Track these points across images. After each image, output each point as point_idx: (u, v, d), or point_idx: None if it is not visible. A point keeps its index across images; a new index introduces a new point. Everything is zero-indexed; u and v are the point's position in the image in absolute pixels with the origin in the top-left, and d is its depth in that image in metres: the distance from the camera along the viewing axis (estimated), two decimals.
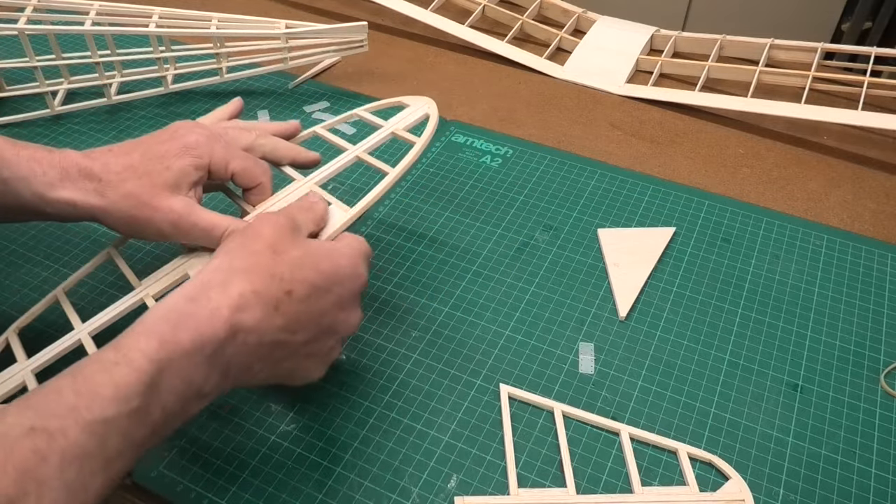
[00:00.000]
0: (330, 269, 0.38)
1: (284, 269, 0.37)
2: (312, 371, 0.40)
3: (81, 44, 0.76)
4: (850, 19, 1.50)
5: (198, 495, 0.41)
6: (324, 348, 0.40)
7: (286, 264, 0.37)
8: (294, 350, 0.38)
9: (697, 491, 0.41)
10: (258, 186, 0.45)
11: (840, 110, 0.67)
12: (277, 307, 0.36)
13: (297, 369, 0.39)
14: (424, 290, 0.52)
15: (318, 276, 0.37)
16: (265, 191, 0.45)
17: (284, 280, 0.36)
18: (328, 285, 0.38)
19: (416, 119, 0.53)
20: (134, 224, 0.41)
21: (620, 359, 0.48)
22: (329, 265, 0.38)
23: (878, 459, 0.43)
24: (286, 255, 0.37)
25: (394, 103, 0.55)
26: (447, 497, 0.41)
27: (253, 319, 0.35)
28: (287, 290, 0.36)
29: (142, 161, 0.41)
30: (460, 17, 0.82)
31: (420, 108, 0.54)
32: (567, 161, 0.65)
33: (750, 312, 0.51)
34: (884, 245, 0.57)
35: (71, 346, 0.42)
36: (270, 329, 0.36)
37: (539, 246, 0.56)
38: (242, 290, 0.35)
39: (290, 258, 0.37)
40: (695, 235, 0.57)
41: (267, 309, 0.35)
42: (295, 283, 0.36)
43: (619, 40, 0.80)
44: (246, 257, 0.37)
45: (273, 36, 0.68)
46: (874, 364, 0.48)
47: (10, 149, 0.41)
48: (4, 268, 0.54)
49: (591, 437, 0.44)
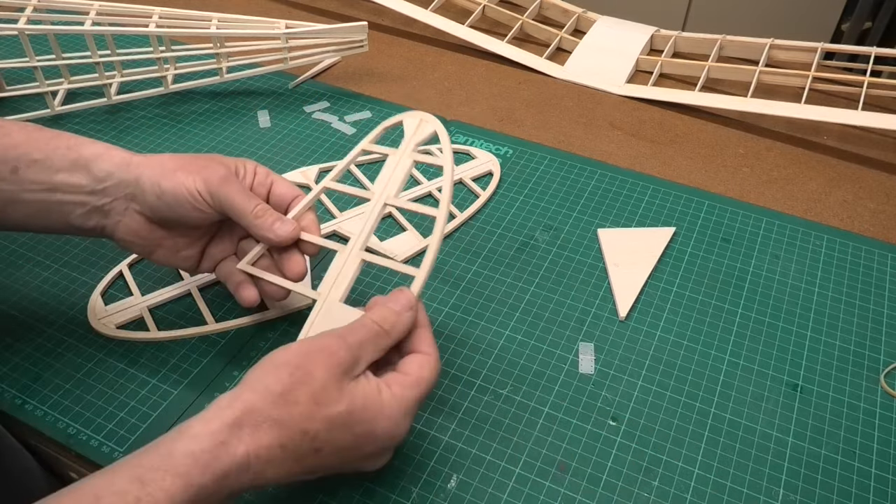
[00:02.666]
0: (364, 432, 0.35)
1: (319, 427, 0.34)
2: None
3: (81, 44, 0.77)
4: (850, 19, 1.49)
5: None
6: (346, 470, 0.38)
7: (322, 422, 0.34)
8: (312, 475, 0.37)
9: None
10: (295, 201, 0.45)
11: (840, 110, 0.67)
12: (300, 461, 0.34)
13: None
14: (424, 290, 0.52)
15: (351, 439, 0.35)
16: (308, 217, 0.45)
17: (316, 440, 0.34)
18: (359, 444, 0.36)
19: (481, 173, 0.63)
20: (181, 170, 0.43)
21: (620, 359, 0.48)
22: (364, 429, 0.35)
23: (878, 459, 0.43)
24: (326, 410, 0.34)
25: (463, 150, 0.65)
26: (447, 497, 0.41)
27: (274, 473, 0.34)
28: (316, 449, 0.34)
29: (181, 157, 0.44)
30: (460, 17, 0.82)
31: (486, 164, 0.63)
32: (567, 161, 0.65)
33: (750, 312, 0.51)
34: (884, 245, 0.57)
35: (181, 294, 0.51)
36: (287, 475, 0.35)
37: (539, 246, 0.56)
38: (271, 442, 0.33)
39: (329, 416, 0.34)
40: (695, 235, 0.57)
41: (289, 463, 0.34)
42: (325, 444, 0.34)
43: (619, 40, 0.80)
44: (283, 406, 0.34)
45: (273, 36, 0.68)
46: (874, 364, 0.48)
47: (43, 135, 0.43)
48: (5, 268, 0.54)
49: (590, 437, 0.44)
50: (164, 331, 0.49)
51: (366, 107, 0.71)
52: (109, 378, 0.47)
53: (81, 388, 0.46)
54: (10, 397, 0.46)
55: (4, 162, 0.42)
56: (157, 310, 0.51)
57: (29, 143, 0.43)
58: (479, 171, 0.63)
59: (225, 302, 0.51)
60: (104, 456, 0.42)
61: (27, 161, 0.42)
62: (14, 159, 0.42)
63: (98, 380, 0.46)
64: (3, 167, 0.42)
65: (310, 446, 0.34)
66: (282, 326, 0.50)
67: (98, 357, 0.48)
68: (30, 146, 0.43)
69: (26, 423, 0.44)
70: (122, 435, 0.43)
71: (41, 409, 0.45)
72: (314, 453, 0.34)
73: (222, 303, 0.51)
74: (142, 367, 0.47)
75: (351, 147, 0.66)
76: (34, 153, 0.43)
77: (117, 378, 0.47)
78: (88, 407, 0.45)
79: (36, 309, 0.51)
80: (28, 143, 0.43)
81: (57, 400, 0.45)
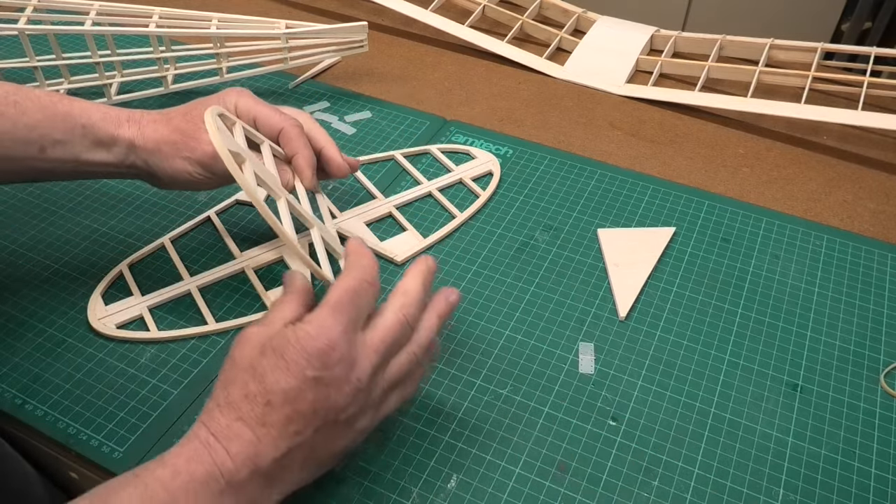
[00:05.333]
0: (295, 357, 0.34)
1: (249, 380, 0.35)
2: (351, 444, 0.38)
3: (81, 44, 0.77)
4: (850, 19, 1.49)
5: None
6: (343, 429, 0.37)
7: (251, 374, 0.35)
8: (313, 445, 0.36)
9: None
10: (282, 134, 0.48)
11: (840, 110, 0.67)
12: (264, 422, 0.34)
13: (332, 453, 0.37)
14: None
15: (289, 376, 0.34)
16: (291, 138, 0.48)
17: (258, 395, 0.34)
18: (301, 375, 0.34)
19: (481, 173, 0.63)
20: (178, 157, 0.46)
21: (620, 359, 0.48)
22: (293, 354, 0.34)
23: (878, 459, 0.43)
24: (252, 366, 0.35)
25: (463, 150, 0.65)
26: (447, 497, 0.41)
27: (244, 444, 0.34)
28: (266, 402, 0.34)
29: (186, 106, 0.48)
30: (460, 17, 0.82)
31: (486, 164, 0.63)
32: (567, 161, 0.65)
33: (750, 312, 0.51)
34: (884, 245, 0.57)
35: (181, 294, 0.51)
36: (270, 444, 0.34)
37: (539, 246, 0.56)
38: (228, 421, 0.34)
39: (253, 365, 0.35)
40: (695, 235, 0.57)
41: (261, 434, 0.34)
42: (269, 394, 0.34)
43: (619, 40, 0.80)
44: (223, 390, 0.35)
45: (273, 36, 0.68)
46: (874, 364, 0.48)
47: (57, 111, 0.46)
48: (5, 268, 0.54)
49: (590, 437, 0.44)
50: (164, 331, 0.49)
51: (366, 107, 0.71)
52: (109, 378, 0.47)
53: (81, 388, 0.46)
54: (10, 397, 0.46)
55: (30, 143, 0.45)
56: (157, 310, 0.51)
57: (46, 122, 0.45)
58: (479, 172, 0.63)
59: (225, 302, 0.51)
60: (104, 456, 0.42)
61: (51, 141, 0.45)
62: (38, 139, 0.45)
63: (98, 380, 0.46)
64: (31, 148, 0.45)
65: (259, 405, 0.34)
66: None
67: (98, 357, 0.48)
68: (49, 126, 0.45)
69: (26, 423, 0.44)
70: (122, 435, 0.43)
71: (41, 409, 0.45)
72: (268, 408, 0.34)
73: (222, 303, 0.51)
74: (142, 367, 0.47)
75: (351, 147, 0.66)
76: (55, 133, 0.45)
77: (117, 378, 0.47)
78: (88, 407, 0.45)
79: (36, 309, 0.51)
80: (47, 123, 0.45)
81: (57, 400, 0.45)
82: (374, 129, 0.68)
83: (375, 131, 0.68)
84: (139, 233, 0.57)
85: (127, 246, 0.55)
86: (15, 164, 0.45)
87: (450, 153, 0.65)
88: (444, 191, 0.61)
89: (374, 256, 0.39)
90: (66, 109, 0.46)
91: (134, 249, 0.55)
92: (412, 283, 0.39)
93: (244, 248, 0.55)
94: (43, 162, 0.46)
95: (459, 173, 0.62)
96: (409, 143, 0.66)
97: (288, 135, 0.48)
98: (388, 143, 0.67)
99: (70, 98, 0.47)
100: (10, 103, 0.45)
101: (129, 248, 0.55)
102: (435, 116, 0.70)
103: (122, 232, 0.57)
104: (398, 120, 0.69)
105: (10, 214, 0.58)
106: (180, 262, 0.53)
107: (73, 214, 0.58)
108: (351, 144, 0.66)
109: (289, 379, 0.34)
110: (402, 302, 0.39)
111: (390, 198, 0.59)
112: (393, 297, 0.39)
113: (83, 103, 0.47)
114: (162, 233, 0.56)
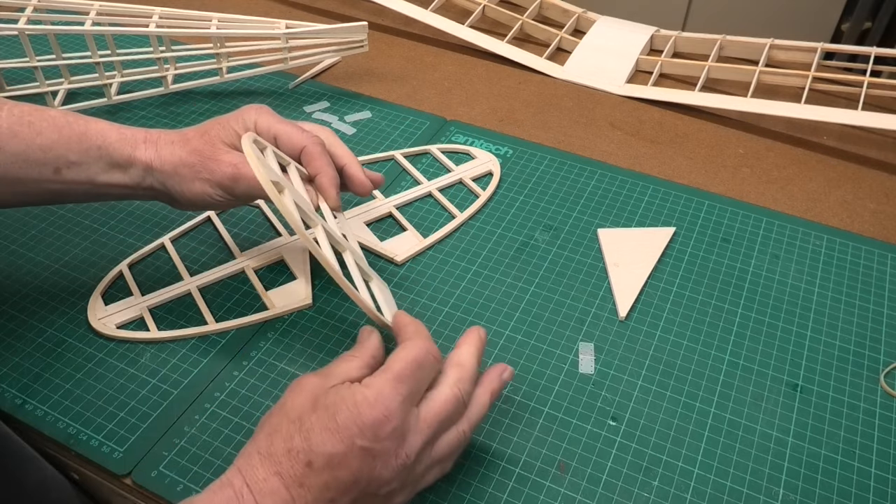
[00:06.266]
0: (345, 423, 0.34)
1: (297, 438, 0.34)
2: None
3: (81, 44, 0.77)
4: (850, 19, 1.49)
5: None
6: (379, 502, 0.36)
7: (298, 432, 0.34)
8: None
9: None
10: (304, 152, 0.46)
11: (840, 110, 0.67)
12: (301, 483, 0.33)
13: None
14: (424, 290, 0.52)
15: (335, 439, 0.33)
16: (314, 157, 0.46)
17: (300, 454, 0.33)
18: (350, 442, 0.33)
19: (481, 173, 0.63)
20: (197, 179, 0.45)
21: (620, 359, 0.48)
22: (344, 420, 0.34)
23: (878, 459, 0.43)
24: (301, 422, 0.34)
25: (463, 150, 0.65)
26: (448, 497, 0.41)
27: (277, 503, 0.33)
28: (307, 462, 0.33)
29: (203, 126, 0.47)
30: (460, 17, 0.82)
31: (486, 164, 0.63)
32: (567, 161, 0.65)
33: (750, 312, 0.51)
34: (884, 245, 0.57)
35: (181, 294, 0.51)
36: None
37: (539, 246, 0.56)
38: (266, 474, 0.33)
39: (302, 423, 0.34)
40: (695, 235, 0.57)
41: (292, 488, 0.33)
42: (312, 455, 0.33)
43: (618, 40, 0.80)
44: (265, 440, 0.35)
45: (273, 36, 0.68)
46: (874, 364, 0.48)
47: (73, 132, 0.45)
48: (5, 268, 0.54)
49: (590, 437, 0.44)
50: (164, 331, 0.49)
51: (366, 107, 0.71)
52: (109, 378, 0.47)
53: (81, 388, 0.46)
54: (10, 397, 0.46)
55: (44, 164, 0.44)
56: (157, 310, 0.51)
57: (61, 143, 0.44)
58: (479, 172, 0.63)
59: (225, 302, 0.51)
60: (104, 456, 0.42)
61: (66, 162, 0.44)
62: (53, 160, 0.44)
63: (98, 380, 0.46)
64: (45, 169, 0.44)
65: (300, 464, 0.33)
66: (282, 326, 0.50)
67: (98, 357, 0.48)
68: (64, 147, 0.44)
69: (26, 423, 0.44)
70: (122, 435, 0.43)
71: (41, 409, 0.45)
72: (308, 469, 0.33)
73: (222, 303, 0.51)
74: (142, 367, 0.47)
75: (351, 147, 0.66)
76: (70, 155, 0.44)
77: (117, 378, 0.47)
78: (88, 407, 0.45)
79: (36, 309, 0.51)
80: (61, 144, 0.44)
81: (57, 400, 0.45)
82: (374, 129, 0.68)
83: (375, 131, 0.68)
84: (139, 233, 0.57)
85: (127, 246, 0.55)
86: (29, 185, 0.44)
87: (450, 153, 0.65)
88: (444, 191, 0.61)
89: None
90: (82, 130, 0.45)
91: (134, 249, 0.55)
92: (467, 356, 0.39)
93: (244, 248, 0.55)
94: (57, 184, 0.45)
95: (459, 173, 0.62)
96: (409, 143, 0.66)
97: (311, 153, 0.46)
98: (388, 143, 0.67)
99: (86, 118, 0.46)
100: (25, 123, 0.44)
101: (129, 248, 0.55)
102: (435, 116, 0.70)
103: (122, 232, 0.57)
104: (398, 120, 0.69)
105: (10, 214, 0.58)
106: (180, 262, 0.53)
107: (73, 214, 0.58)
108: (351, 144, 0.66)
109: (336, 444, 0.33)
110: (458, 376, 0.38)
111: (390, 198, 0.59)
112: (448, 368, 0.38)
113: (99, 123, 0.46)
114: (162, 233, 0.56)
